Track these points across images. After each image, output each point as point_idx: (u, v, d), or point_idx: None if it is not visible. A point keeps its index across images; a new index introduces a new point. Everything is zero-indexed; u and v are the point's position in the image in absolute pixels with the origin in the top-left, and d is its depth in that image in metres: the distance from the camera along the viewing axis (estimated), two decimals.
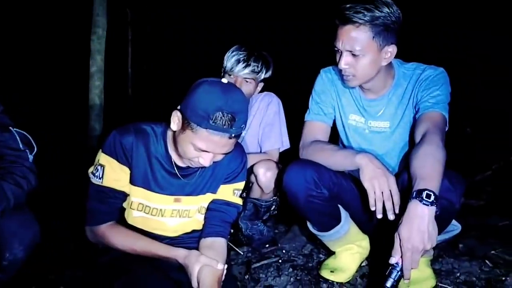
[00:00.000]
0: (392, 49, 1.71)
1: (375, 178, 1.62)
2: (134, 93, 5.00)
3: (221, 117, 1.36)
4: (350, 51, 1.68)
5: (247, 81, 2.20)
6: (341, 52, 1.69)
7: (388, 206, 1.59)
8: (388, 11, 1.64)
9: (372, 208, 1.62)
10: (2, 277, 1.40)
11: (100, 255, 1.62)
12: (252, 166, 2.19)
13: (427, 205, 1.42)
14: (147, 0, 5.19)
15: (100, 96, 2.72)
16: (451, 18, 4.70)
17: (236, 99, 1.41)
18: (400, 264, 1.45)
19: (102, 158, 1.53)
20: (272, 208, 2.33)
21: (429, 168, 1.49)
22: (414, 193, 1.45)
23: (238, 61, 2.17)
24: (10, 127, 1.47)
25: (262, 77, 2.25)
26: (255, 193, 2.25)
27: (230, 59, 2.19)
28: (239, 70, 2.17)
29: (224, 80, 1.48)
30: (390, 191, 1.60)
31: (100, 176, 1.52)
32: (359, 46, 1.66)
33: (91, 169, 1.55)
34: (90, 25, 2.69)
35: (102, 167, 1.52)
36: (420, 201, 1.42)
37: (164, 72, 5.43)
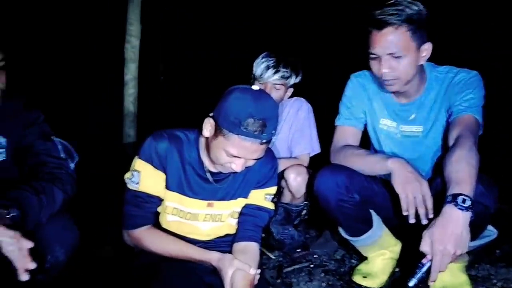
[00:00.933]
0: (428, 47, 1.70)
1: (407, 183, 1.61)
2: (166, 100, 5.10)
3: (252, 123, 1.39)
4: (391, 54, 1.66)
5: (276, 87, 2.22)
6: (380, 57, 1.68)
7: (421, 211, 1.57)
8: (418, 8, 1.64)
9: (405, 214, 1.60)
10: (44, 279, 1.45)
11: (136, 258, 1.67)
12: (283, 171, 2.21)
13: (463, 210, 1.40)
14: (179, 9, 5.29)
15: (134, 104, 2.79)
16: (473, 17, 4.58)
17: (267, 105, 1.44)
18: (425, 265, 1.44)
19: (138, 164, 1.58)
20: (303, 213, 2.34)
21: (463, 172, 1.47)
22: (449, 197, 1.43)
23: (267, 68, 2.20)
24: (52, 137, 1.53)
25: (292, 83, 2.26)
26: (286, 198, 2.27)
27: (259, 66, 2.22)
28: (268, 77, 2.20)
29: (255, 87, 1.51)
30: (423, 196, 1.59)
31: (137, 182, 1.57)
32: (399, 48, 1.64)
33: (127, 175, 1.60)
34: (124, 34, 2.77)
35: (138, 173, 1.57)
36: (456, 205, 1.41)
37: (195, 79, 5.51)
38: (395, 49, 1.64)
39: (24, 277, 1.22)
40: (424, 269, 1.44)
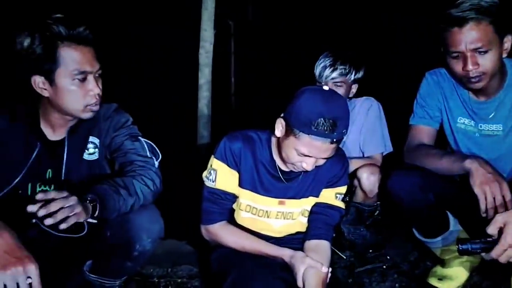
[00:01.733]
0: (508, 40, 1.64)
1: (486, 183, 1.56)
2: (238, 102, 5.23)
3: (323, 123, 1.42)
4: (476, 50, 1.61)
5: (338, 85, 2.22)
6: (465, 54, 1.63)
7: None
8: (491, 0, 1.58)
9: (483, 215, 1.55)
10: (132, 266, 1.58)
11: (214, 251, 1.75)
12: (355, 171, 2.20)
13: None
14: (249, 12, 5.41)
15: (208, 106, 2.90)
16: None
17: (337, 105, 1.46)
18: (487, 244, 1.38)
19: (215, 163, 1.66)
20: (375, 213, 2.31)
21: None
22: None
23: (325, 67, 2.21)
24: (139, 137, 1.66)
25: (353, 78, 2.24)
26: (358, 197, 2.26)
27: (318, 67, 2.24)
28: (327, 76, 2.20)
29: (325, 87, 1.53)
30: (503, 197, 1.53)
31: (213, 180, 1.66)
32: (484, 42, 1.59)
33: (205, 173, 1.69)
34: (198, 39, 2.88)
35: (215, 171, 1.66)
36: None
37: (266, 81, 5.60)
38: (479, 43, 1.59)
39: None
40: (483, 246, 1.38)
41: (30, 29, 1.42)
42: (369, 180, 2.17)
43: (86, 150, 1.60)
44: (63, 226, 1.28)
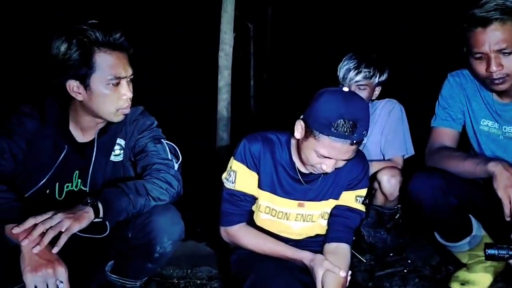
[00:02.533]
0: None
1: (510, 186, 1.53)
2: (257, 104, 5.24)
3: (342, 124, 1.41)
4: (501, 51, 1.59)
5: (361, 88, 2.21)
6: (488, 55, 1.60)
7: None
8: None
9: (507, 219, 1.52)
10: (153, 267, 1.60)
11: (233, 253, 1.76)
12: (375, 173, 2.18)
13: None
14: (269, 15, 5.42)
15: (228, 108, 2.91)
16: None
17: (357, 106, 1.45)
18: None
19: (234, 164, 1.67)
20: (396, 217, 2.29)
21: None
22: None
23: (348, 70, 2.20)
24: (162, 139, 1.68)
25: (377, 81, 2.23)
26: (379, 200, 2.24)
27: (342, 69, 2.23)
28: (351, 78, 2.19)
29: (345, 89, 1.53)
30: None
31: (233, 181, 1.66)
32: (509, 43, 1.57)
33: (224, 175, 1.70)
34: (218, 42, 2.90)
35: (234, 173, 1.66)
36: None
37: (285, 84, 5.60)
38: (504, 44, 1.57)
39: None
40: (510, 252, 1.36)
41: (67, 35, 1.45)
42: (389, 183, 2.15)
43: (112, 152, 1.63)
44: (55, 249, 1.29)
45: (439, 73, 1.96)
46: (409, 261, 2.19)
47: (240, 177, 1.66)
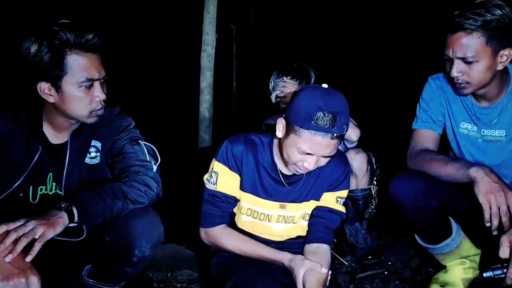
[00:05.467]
0: (508, 52, 1.62)
1: (491, 192, 1.54)
2: (239, 106, 5.24)
3: (322, 117, 1.42)
4: (463, 58, 1.62)
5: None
6: (452, 60, 1.64)
7: (506, 223, 1.50)
8: (501, 13, 1.56)
9: (487, 225, 1.54)
10: (132, 271, 1.57)
11: (214, 256, 1.74)
12: None
13: None
14: (251, 16, 5.43)
15: (210, 110, 2.90)
16: None
17: (336, 99, 1.47)
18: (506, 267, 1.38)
19: (216, 165, 1.65)
20: (371, 205, 2.31)
21: None
22: None
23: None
24: (140, 141, 1.65)
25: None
26: (351, 184, 2.25)
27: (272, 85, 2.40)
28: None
29: (324, 85, 1.53)
30: (508, 206, 1.51)
31: (214, 182, 1.65)
32: (472, 53, 1.59)
33: (206, 176, 1.68)
34: (200, 43, 2.88)
35: (216, 174, 1.64)
36: None
37: (268, 85, 5.62)
38: (467, 54, 1.60)
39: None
40: (505, 270, 1.38)
41: (38, 36, 1.41)
42: (356, 159, 2.19)
43: (88, 154, 1.60)
44: (28, 258, 1.25)
45: (419, 74, 1.98)
46: (390, 263, 2.21)
47: (222, 179, 1.64)
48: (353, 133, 2.23)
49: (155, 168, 1.61)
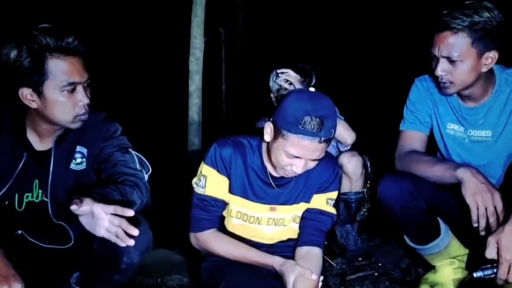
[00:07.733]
0: (493, 55, 1.64)
1: (478, 193, 1.56)
2: (228, 109, 5.23)
3: (309, 121, 1.42)
4: (448, 57, 1.63)
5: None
6: (438, 58, 1.66)
7: (493, 223, 1.51)
8: (489, 15, 1.58)
9: (475, 225, 1.55)
10: (120, 279, 1.55)
11: (204, 261, 1.73)
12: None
13: None
14: (240, 19, 5.43)
15: (199, 113, 2.89)
16: None
17: (323, 104, 1.47)
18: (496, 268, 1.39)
19: (204, 169, 1.64)
20: (363, 208, 2.31)
21: None
22: None
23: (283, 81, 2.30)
24: (130, 149, 1.63)
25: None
26: (344, 186, 2.25)
27: (275, 85, 2.36)
28: (286, 88, 2.28)
29: (312, 89, 1.54)
30: (495, 207, 1.53)
31: (203, 186, 1.64)
32: (457, 52, 1.61)
33: (194, 180, 1.67)
34: (188, 47, 2.88)
35: (204, 178, 1.64)
36: None
37: (257, 88, 5.62)
38: (452, 53, 1.61)
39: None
40: (495, 270, 1.39)
41: (17, 41, 1.39)
42: (350, 162, 2.19)
43: (73, 160, 1.57)
44: None
45: (406, 75, 1.99)
46: (380, 265, 2.22)
47: (211, 182, 1.64)
48: (348, 136, 2.23)
49: (146, 177, 1.60)
